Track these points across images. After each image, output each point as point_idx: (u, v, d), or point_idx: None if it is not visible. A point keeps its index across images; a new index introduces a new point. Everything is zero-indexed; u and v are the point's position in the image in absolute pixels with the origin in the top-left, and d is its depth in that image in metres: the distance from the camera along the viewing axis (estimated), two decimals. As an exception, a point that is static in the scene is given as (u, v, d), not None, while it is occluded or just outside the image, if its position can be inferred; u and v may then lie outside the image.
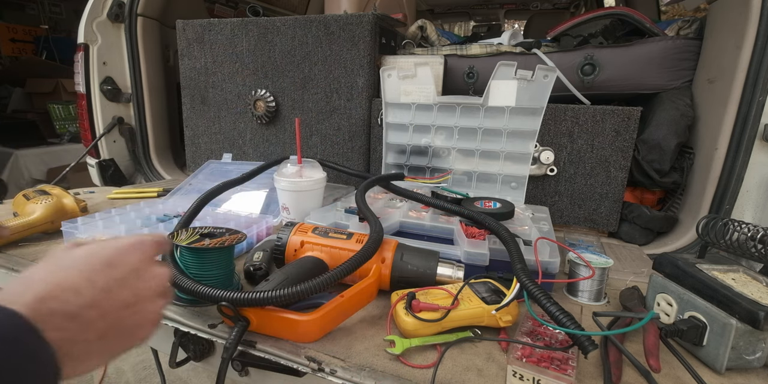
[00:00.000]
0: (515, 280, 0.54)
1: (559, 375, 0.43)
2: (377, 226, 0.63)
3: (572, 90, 1.08)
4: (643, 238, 0.97)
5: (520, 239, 0.67)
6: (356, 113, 1.17)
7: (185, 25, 1.30)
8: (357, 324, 0.56)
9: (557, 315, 0.46)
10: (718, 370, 0.49)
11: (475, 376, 0.47)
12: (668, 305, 0.56)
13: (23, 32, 3.98)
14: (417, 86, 1.03)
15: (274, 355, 0.50)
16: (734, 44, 0.86)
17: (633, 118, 0.93)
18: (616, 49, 1.07)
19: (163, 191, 1.17)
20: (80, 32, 1.36)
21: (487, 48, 1.19)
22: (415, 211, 0.83)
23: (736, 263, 0.59)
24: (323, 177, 0.90)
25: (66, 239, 0.77)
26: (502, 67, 0.93)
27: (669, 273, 0.59)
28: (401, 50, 1.31)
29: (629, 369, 0.48)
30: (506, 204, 0.82)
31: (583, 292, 0.66)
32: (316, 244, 0.63)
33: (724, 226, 0.60)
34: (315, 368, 0.48)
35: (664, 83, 1.04)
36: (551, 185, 1.02)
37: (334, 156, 1.24)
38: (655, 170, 0.98)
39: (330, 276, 0.51)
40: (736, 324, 0.47)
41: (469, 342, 0.53)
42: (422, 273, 0.61)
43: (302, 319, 0.50)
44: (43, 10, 4.29)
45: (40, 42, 4.01)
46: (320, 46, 1.16)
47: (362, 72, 1.13)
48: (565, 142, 0.99)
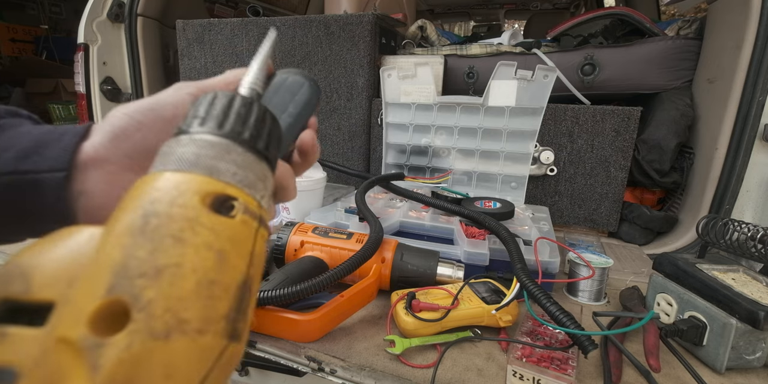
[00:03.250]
0: (515, 279, 0.54)
1: (559, 375, 0.43)
2: (377, 226, 0.63)
3: (572, 90, 1.08)
4: (643, 238, 0.97)
5: (520, 239, 0.67)
6: (356, 113, 1.17)
7: (185, 25, 1.30)
8: (357, 324, 0.56)
9: (557, 315, 0.46)
10: (718, 370, 0.49)
11: (475, 376, 0.47)
12: (668, 305, 0.56)
13: (23, 32, 3.99)
14: (417, 86, 1.03)
15: (274, 354, 0.50)
16: (734, 44, 0.86)
17: (633, 118, 0.93)
18: (616, 49, 1.07)
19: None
20: (80, 32, 1.36)
21: (487, 48, 1.19)
22: (415, 211, 0.83)
23: (736, 263, 0.59)
24: (323, 177, 0.90)
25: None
26: (502, 67, 0.93)
27: (669, 273, 0.59)
28: (401, 50, 1.31)
29: (629, 369, 0.48)
30: (506, 204, 0.82)
31: (583, 292, 0.66)
32: (316, 243, 0.63)
33: (724, 226, 0.60)
34: (315, 368, 0.48)
35: (664, 83, 1.04)
36: (551, 185, 1.02)
37: (334, 156, 1.24)
38: (655, 170, 0.98)
39: (330, 276, 0.51)
40: (736, 324, 0.47)
41: (469, 342, 0.53)
42: (422, 273, 0.61)
43: (302, 319, 0.50)
44: (43, 10, 4.30)
45: (40, 42, 4.01)
46: (320, 46, 1.16)
47: (362, 72, 1.13)
48: (565, 142, 0.99)
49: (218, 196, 0.16)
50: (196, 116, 0.18)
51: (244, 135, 0.18)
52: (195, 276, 0.13)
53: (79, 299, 0.13)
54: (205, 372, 0.13)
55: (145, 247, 0.13)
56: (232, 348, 0.14)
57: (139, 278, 0.13)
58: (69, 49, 1.77)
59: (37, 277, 0.13)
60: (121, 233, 0.14)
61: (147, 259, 0.13)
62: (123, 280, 0.13)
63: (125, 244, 0.13)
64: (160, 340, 0.12)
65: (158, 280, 0.13)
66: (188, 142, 0.17)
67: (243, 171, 0.17)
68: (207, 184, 0.16)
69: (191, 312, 0.13)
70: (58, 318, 0.13)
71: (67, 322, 0.12)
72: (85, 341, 0.12)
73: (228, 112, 0.19)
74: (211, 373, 0.13)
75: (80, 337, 0.12)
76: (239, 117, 0.19)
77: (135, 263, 0.13)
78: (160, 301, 0.12)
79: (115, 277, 0.13)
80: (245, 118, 0.19)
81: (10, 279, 0.13)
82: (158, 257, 0.13)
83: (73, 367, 0.12)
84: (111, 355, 0.12)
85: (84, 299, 0.13)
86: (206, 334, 0.13)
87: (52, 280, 0.13)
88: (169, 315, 0.12)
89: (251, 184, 0.17)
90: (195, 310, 0.13)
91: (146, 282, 0.13)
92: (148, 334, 0.12)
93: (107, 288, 0.12)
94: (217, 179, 0.16)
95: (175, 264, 0.13)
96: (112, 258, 0.13)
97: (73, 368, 0.12)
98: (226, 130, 0.18)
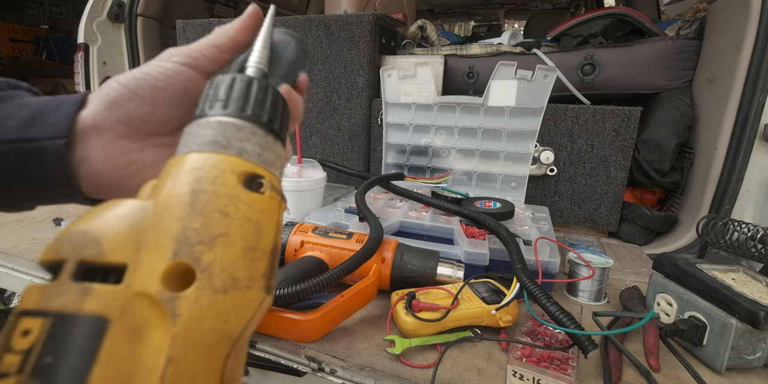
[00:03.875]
0: (515, 279, 0.54)
1: (559, 375, 0.43)
2: (377, 226, 0.63)
3: (572, 90, 1.08)
4: (643, 238, 0.97)
5: (520, 239, 0.67)
6: (356, 113, 1.17)
7: (185, 25, 1.30)
8: (357, 324, 0.56)
9: (557, 315, 0.46)
10: (718, 370, 0.49)
11: (475, 376, 0.47)
12: (668, 305, 0.56)
13: (23, 32, 3.99)
14: (417, 86, 1.03)
15: (274, 354, 0.50)
16: (734, 44, 0.86)
17: (633, 118, 0.93)
18: (616, 49, 1.07)
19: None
20: (80, 32, 1.36)
21: (487, 48, 1.19)
22: (415, 211, 0.83)
23: (736, 263, 0.59)
24: (323, 177, 0.90)
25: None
26: (502, 67, 0.93)
27: (669, 273, 0.59)
28: (401, 50, 1.31)
29: (629, 369, 0.48)
30: (506, 204, 0.82)
31: (583, 292, 0.66)
32: (316, 243, 0.63)
33: (724, 226, 0.60)
34: (315, 368, 0.48)
35: (664, 83, 1.04)
36: (551, 185, 1.02)
37: (334, 156, 1.24)
38: (655, 170, 0.98)
39: (330, 275, 0.51)
40: (736, 324, 0.47)
41: (469, 342, 0.53)
42: (422, 273, 0.61)
43: (302, 319, 0.50)
44: (43, 10, 4.30)
45: (40, 42, 4.01)
46: (320, 46, 1.16)
47: (362, 72, 1.13)
48: (565, 142, 0.99)
49: (249, 175, 0.18)
50: (217, 98, 0.20)
51: (263, 118, 0.20)
52: (241, 243, 0.17)
53: (149, 262, 0.15)
54: (249, 318, 0.16)
55: (199, 219, 0.16)
56: (267, 300, 0.17)
57: (197, 245, 0.16)
58: (69, 49, 1.77)
59: (107, 243, 0.16)
60: (174, 207, 0.16)
61: (201, 229, 0.16)
62: (184, 246, 0.16)
63: (180, 217, 0.16)
64: (220, 294, 0.15)
65: (213, 246, 0.16)
66: (217, 125, 0.19)
67: (265, 152, 0.20)
68: (240, 165, 0.18)
69: (240, 272, 0.16)
70: (133, 277, 0.15)
71: (142, 279, 0.15)
72: (161, 295, 0.15)
73: (248, 96, 0.20)
74: (252, 319, 0.16)
75: (157, 292, 0.15)
76: (257, 101, 0.20)
77: (192, 233, 0.16)
78: (216, 263, 0.16)
79: (177, 244, 0.16)
80: (263, 102, 0.21)
81: (85, 244, 0.16)
82: (211, 228, 0.16)
83: (154, 315, 0.14)
84: (185, 305, 0.15)
85: (153, 262, 0.15)
86: (252, 289, 0.16)
87: (122, 246, 0.16)
88: (225, 274, 0.16)
89: (272, 163, 0.20)
90: (243, 270, 0.16)
91: (204, 248, 0.16)
92: (211, 290, 0.15)
93: (172, 252, 0.15)
94: (246, 160, 0.19)
95: (224, 234, 0.16)
96: (171, 228, 0.16)
97: (154, 316, 0.14)
98: (248, 114, 0.20)
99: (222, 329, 0.15)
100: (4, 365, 0.13)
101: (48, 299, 0.14)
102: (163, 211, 0.16)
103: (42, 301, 0.14)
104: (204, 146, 0.18)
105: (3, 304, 1.66)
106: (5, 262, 0.71)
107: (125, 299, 0.14)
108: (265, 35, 0.25)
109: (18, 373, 0.13)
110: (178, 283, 0.15)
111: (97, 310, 0.14)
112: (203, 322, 0.15)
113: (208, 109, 0.20)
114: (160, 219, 0.16)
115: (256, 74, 0.23)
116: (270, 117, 0.21)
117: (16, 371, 0.13)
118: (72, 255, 0.15)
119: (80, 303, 0.14)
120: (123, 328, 0.14)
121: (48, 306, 0.14)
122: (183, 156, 0.18)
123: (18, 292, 1.62)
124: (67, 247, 0.16)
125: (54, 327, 0.13)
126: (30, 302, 0.14)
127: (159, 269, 0.15)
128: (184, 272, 0.15)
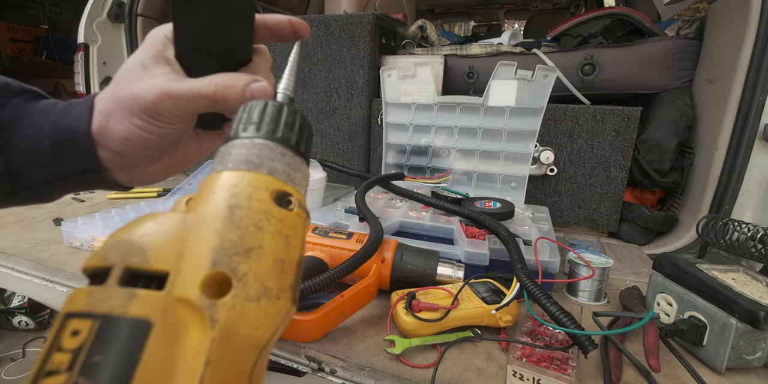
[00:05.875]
0: (515, 279, 0.54)
1: (559, 375, 0.43)
2: (377, 226, 0.63)
3: (572, 90, 1.08)
4: (643, 238, 0.97)
5: (520, 239, 0.67)
6: (356, 113, 1.17)
7: (185, 25, 1.30)
8: (357, 324, 0.56)
9: (557, 315, 0.46)
10: (718, 370, 0.49)
11: (475, 376, 0.47)
12: (668, 305, 0.56)
13: (23, 32, 3.98)
14: (417, 86, 1.03)
15: (274, 354, 0.50)
16: (734, 44, 0.86)
17: (633, 118, 0.93)
18: (616, 49, 1.07)
19: (163, 191, 1.17)
20: (80, 32, 1.36)
21: (487, 48, 1.19)
22: (415, 211, 0.83)
23: (736, 263, 0.59)
24: (323, 177, 0.90)
25: (66, 239, 0.77)
26: (502, 67, 0.93)
27: (669, 273, 0.59)
28: (401, 50, 1.31)
29: (629, 369, 0.48)
30: (506, 204, 0.82)
31: (583, 292, 0.66)
32: (316, 243, 0.63)
33: (724, 226, 0.60)
34: (315, 368, 0.48)
35: (664, 83, 1.04)
36: (551, 185, 1.02)
37: (334, 156, 1.24)
38: (655, 170, 0.98)
39: (330, 275, 0.51)
40: (736, 324, 0.47)
41: (469, 342, 0.53)
42: (422, 273, 0.61)
43: (302, 319, 0.50)
44: (43, 10, 4.29)
45: (40, 42, 4.01)
46: (320, 46, 1.16)
47: (362, 72, 1.13)
48: (565, 142, 0.99)
49: (279, 192, 0.20)
50: (250, 122, 0.22)
51: (292, 140, 0.22)
52: (272, 255, 0.18)
53: (190, 270, 0.16)
54: (277, 327, 0.17)
55: (236, 232, 0.17)
56: (293, 310, 0.18)
57: (234, 256, 0.17)
58: (69, 49, 1.77)
59: (152, 252, 0.17)
60: (213, 220, 0.18)
61: (238, 242, 0.17)
62: (222, 257, 0.17)
63: (219, 229, 0.17)
64: (254, 302, 0.17)
65: (248, 258, 0.17)
66: (251, 146, 0.21)
67: (293, 171, 0.21)
68: (271, 183, 0.20)
69: (272, 282, 0.17)
70: (175, 284, 0.16)
71: (183, 287, 0.16)
72: (200, 301, 0.16)
73: (278, 120, 0.22)
74: (279, 328, 0.18)
75: (197, 298, 0.16)
76: (287, 125, 0.22)
77: (229, 245, 0.17)
78: (251, 273, 0.17)
79: (215, 255, 0.17)
80: (292, 126, 0.23)
81: (131, 252, 0.17)
82: (246, 241, 0.17)
83: (193, 320, 0.15)
84: (223, 312, 0.16)
85: (193, 270, 0.16)
86: (281, 300, 0.18)
87: (165, 254, 0.17)
88: (258, 284, 0.17)
89: (299, 182, 0.22)
90: (274, 281, 0.17)
91: (240, 259, 0.17)
92: (246, 298, 0.16)
93: (211, 262, 0.16)
94: (277, 178, 0.20)
95: (258, 246, 0.18)
96: (210, 239, 0.17)
97: (193, 321, 0.15)
98: (279, 136, 0.22)
99: (253, 336, 0.16)
100: (54, 363, 0.14)
101: (96, 302, 0.15)
102: (203, 223, 0.18)
103: (90, 304, 0.15)
104: (238, 165, 0.20)
105: (3, 304, 1.65)
106: (5, 262, 0.71)
107: (167, 304, 0.15)
108: (291, 66, 0.27)
109: (68, 371, 0.13)
110: (215, 291, 0.16)
111: (141, 313, 0.15)
112: (237, 329, 0.16)
113: (242, 132, 0.21)
114: (200, 230, 0.17)
115: (285, 100, 0.25)
116: (298, 139, 0.22)
117: (66, 369, 0.13)
118: (119, 261, 0.16)
119: (126, 306, 0.15)
120: (164, 331, 0.15)
121: (96, 308, 0.15)
122: (219, 173, 0.20)
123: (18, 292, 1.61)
124: (115, 254, 0.17)
125: (102, 328, 0.14)
126: (78, 304, 0.15)
127: (199, 277, 0.16)
128: (221, 281, 0.16)
